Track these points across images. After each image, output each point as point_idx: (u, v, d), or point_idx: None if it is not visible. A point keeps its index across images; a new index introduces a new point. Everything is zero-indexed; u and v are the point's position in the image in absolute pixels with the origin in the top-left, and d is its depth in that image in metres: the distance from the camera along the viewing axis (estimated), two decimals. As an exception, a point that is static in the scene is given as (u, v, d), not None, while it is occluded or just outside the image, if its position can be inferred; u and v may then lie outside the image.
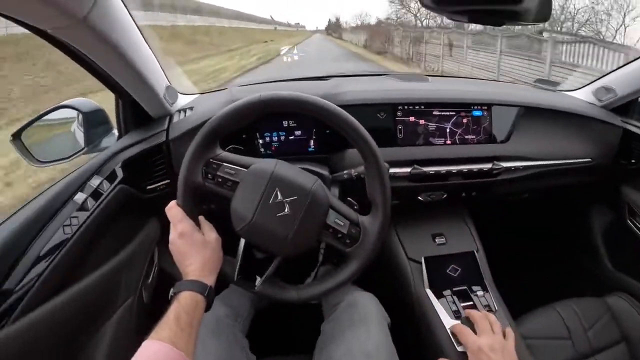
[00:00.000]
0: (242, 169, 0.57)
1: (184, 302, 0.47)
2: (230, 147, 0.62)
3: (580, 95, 1.03)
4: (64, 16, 0.46)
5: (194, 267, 0.52)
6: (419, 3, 0.42)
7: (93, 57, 0.60)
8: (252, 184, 0.56)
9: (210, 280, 0.52)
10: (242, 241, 0.63)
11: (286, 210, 0.55)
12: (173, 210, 0.56)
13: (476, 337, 0.64)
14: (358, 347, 0.60)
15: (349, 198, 0.62)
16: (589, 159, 0.91)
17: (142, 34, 0.67)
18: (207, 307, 0.51)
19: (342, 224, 0.57)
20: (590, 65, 6.30)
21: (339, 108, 0.57)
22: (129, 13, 0.62)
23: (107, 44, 0.57)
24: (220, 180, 0.56)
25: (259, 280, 0.61)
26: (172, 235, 0.54)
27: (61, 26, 0.49)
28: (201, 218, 0.58)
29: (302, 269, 0.91)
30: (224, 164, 0.57)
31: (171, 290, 0.50)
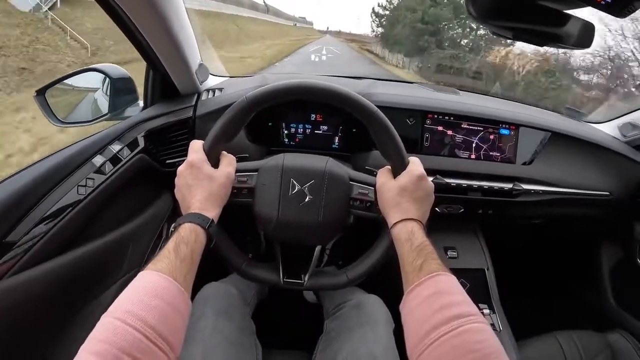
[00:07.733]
0: (253, 173, 0.56)
1: (184, 234, 0.44)
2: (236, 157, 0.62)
3: (605, 128, 1.02)
4: None
5: (196, 200, 0.48)
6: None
7: (139, 22, 0.59)
8: (266, 183, 0.55)
9: (212, 214, 0.48)
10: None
11: (307, 197, 0.54)
12: (195, 142, 0.53)
13: None
14: (364, 348, 0.58)
15: (366, 167, 0.60)
16: (607, 193, 0.90)
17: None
18: (209, 242, 0.47)
19: (366, 192, 0.55)
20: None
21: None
22: None
23: (156, 12, 0.56)
24: (235, 191, 0.54)
25: (305, 276, 0.59)
26: (181, 166, 0.51)
27: None
28: (223, 152, 0.55)
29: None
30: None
31: (172, 225, 0.48)
